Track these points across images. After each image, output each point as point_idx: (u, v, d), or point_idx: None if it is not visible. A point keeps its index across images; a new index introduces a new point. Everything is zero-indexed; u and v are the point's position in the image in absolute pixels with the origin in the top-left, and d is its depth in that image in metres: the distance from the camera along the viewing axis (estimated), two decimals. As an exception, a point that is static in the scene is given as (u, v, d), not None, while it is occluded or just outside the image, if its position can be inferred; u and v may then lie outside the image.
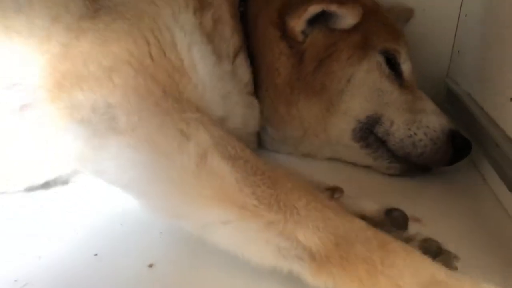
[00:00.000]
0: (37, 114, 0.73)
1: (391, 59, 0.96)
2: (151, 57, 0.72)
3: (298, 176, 0.75)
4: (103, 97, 0.66)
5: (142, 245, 0.72)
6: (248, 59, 0.94)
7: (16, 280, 0.64)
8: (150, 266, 0.67)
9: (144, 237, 0.74)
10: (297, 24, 0.91)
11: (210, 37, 0.83)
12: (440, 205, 0.86)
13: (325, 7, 0.89)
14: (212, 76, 0.80)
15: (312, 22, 0.92)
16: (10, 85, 0.73)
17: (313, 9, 0.90)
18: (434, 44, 1.27)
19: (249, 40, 0.96)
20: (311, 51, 0.93)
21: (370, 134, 0.95)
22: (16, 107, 0.74)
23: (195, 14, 0.81)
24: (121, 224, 0.77)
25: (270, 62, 0.94)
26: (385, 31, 0.97)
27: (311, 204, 0.59)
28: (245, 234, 0.59)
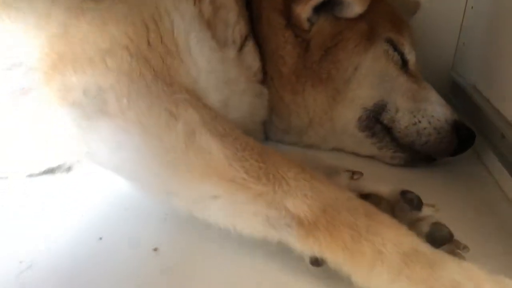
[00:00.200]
0: (36, 97, 0.72)
1: (396, 48, 0.96)
2: (148, 42, 0.72)
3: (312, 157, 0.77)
4: (95, 80, 0.66)
5: (147, 229, 0.72)
6: (257, 47, 0.94)
7: (21, 262, 0.64)
8: (155, 249, 0.67)
9: (149, 221, 0.74)
10: (303, 11, 0.91)
11: (210, 23, 0.82)
12: (444, 195, 0.86)
13: None
14: (210, 60, 0.79)
15: (318, 10, 0.92)
16: (10, 65, 0.72)
17: None
18: (440, 36, 1.27)
19: (255, 28, 0.95)
20: (317, 40, 0.93)
21: (375, 123, 0.95)
22: (16, 90, 0.73)
23: (195, 4, 0.80)
24: (126, 209, 0.77)
25: (276, 51, 0.94)
26: (390, 21, 0.97)
27: (300, 175, 0.60)
28: (234, 207, 0.60)
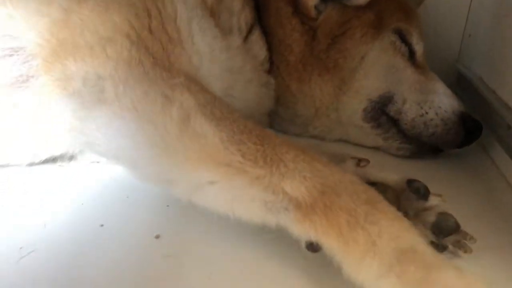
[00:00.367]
0: (35, 86, 0.71)
1: (404, 38, 0.94)
2: (150, 29, 0.70)
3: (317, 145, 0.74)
4: (94, 68, 0.64)
5: (148, 216, 0.72)
6: (263, 36, 0.93)
7: (21, 248, 0.63)
8: (156, 237, 0.67)
9: (151, 209, 0.73)
10: None
11: (213, 11, 0.81)
12: (449, 187, 0.84)
13: None
14: (212, 49, 0.78)
15: None
16: (11, 51, 0.71)
17: None
18: (445, 27, 1.26)
19: (261, 17, 0.94)
20: (325, 28, 0.92)
21: (381, 114, 0.94)
22: (16, 77, 0.72)
23: None
24: (128, 196, 0.76)
25: (282, 39, 0.93)
26: (399, 10, 0.96)
27: (299, 157, 0.58)
28: (232, 192, 0.58)
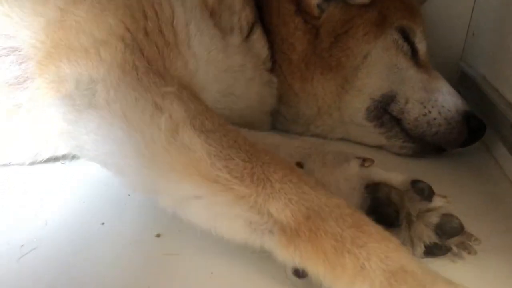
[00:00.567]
0: (30, 88, 0.71)
1: (407, 37, 0.94)
2: (146, 32, 0.69)
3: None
4: (88, 71, 0.64)
5: (149, 215, 0.71)
6: (265, 35, 0.92)
7: (22, 246, 0.63)
8: (157, 235, 0.67)
9: (152, 208, 0.71)
10: None
11: (214, 11, 0.80)
12: (452, 187, 0.84)
13: None
14: (209, 50, 0.77)
15: None
16: (9, 51, 0.70)
17: None
18: (449, 26, 1.25)
19: (263, 16, 0.93)
20: (327, 27, 0.91)
21: (384, 113, 0.93)
22: (16, 78, 0.72)
23: None
24: (129, 195, 0.76)
25: (285, 37, 0.92)
26: (402, 9, 0.95)
27: (287, 177, 0.56)
28: (215, 209, 0.56)
